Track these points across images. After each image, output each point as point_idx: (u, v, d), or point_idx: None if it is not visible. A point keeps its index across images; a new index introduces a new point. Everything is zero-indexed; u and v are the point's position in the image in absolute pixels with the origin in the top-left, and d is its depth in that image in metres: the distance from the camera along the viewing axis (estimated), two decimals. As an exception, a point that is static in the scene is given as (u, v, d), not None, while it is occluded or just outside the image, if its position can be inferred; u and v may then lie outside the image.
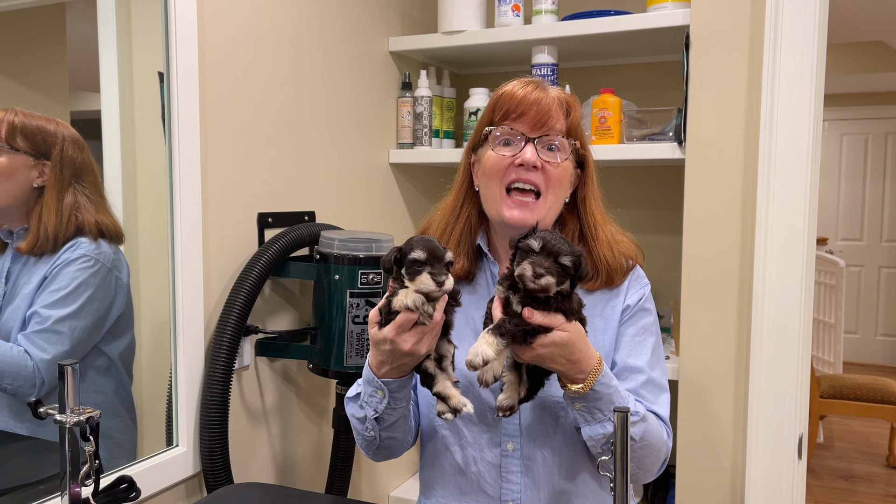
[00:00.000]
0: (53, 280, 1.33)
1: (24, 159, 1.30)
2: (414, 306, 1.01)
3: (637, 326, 1.24)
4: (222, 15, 1.57)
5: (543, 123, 1.19)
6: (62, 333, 1.34)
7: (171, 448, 1.50)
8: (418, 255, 1.01)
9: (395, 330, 1.03)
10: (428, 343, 1.06)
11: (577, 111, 1.23)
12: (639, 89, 2.22)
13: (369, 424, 1.17)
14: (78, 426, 1.02)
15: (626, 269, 1.25)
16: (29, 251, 1.31)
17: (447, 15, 2.08)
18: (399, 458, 2.26)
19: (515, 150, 1.19)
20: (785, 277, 1.66)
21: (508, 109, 1.20)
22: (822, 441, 4.50)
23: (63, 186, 1.33)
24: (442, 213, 1.31)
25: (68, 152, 1.33)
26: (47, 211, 1.31)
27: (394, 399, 1.13)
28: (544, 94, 1.20)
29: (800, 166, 1.63)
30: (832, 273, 4.36)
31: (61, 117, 1.36)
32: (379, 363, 1.10)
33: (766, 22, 1.64)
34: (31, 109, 1.32)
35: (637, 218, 2.30)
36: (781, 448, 1.69)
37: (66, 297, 1.34)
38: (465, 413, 1.08)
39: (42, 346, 1.31)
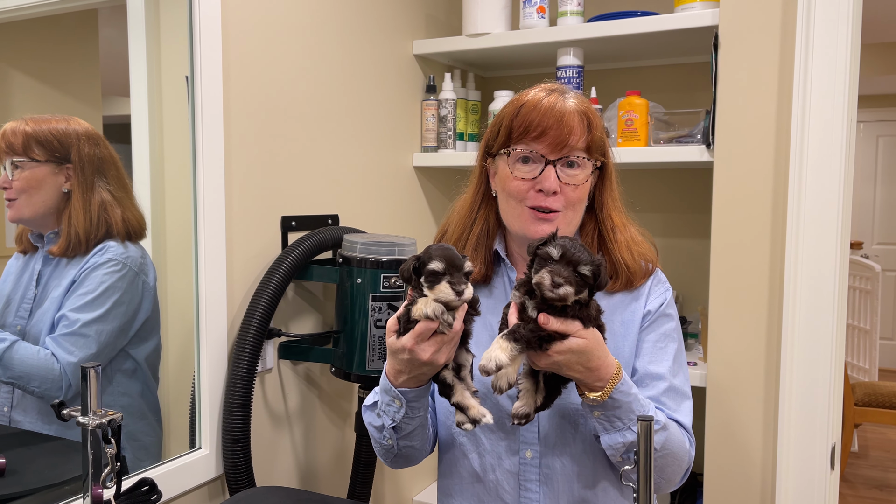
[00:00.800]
0: (81, 284, 1.34)
1: (47, 168, 1.31)
2: (434, 315, 1.00)
3: (658, 332, 1.22)
4: (246, 19, 1.58)
5: (564, 144, 1.15)
6: (89, 337, 1.35)
7: (194, 450, 1.51)
8: (437, 265, 1.00)
9: (414, 339, 1.02)
10: (447, 353, 1.05)
11: (599, 124, 1.20)
12: (666, 91, 2.18)
13: (387, 433, 1.16)
14: (100, 428, 1.03)
15: (645, 271, 1.23)
16: (62, 254, 1.33)
17: (472, 17, 2.07)
18: (422, 463, 2.26)
19: (535, 171, 1.16)
20: (817, 282, 1.61)
21: (529, 126, 1.16)
22: (857, 450, 4.39)
23: (87, 186, 1.34)
24: (458, 215, 1.30)
25: (86, 150, 1.34)
26: (76, 213, 1.33)
27: (411, 408, 1.13)
28: (566, 108, 1.15)
29: (833, 168, 1.59)
30: (867, 278, 4.26)
31: (94, 122, 1.38)
32: (396, 372, 1.09)
33: (797, 21, 1.60)
34: (66, 114, 1.33)
35: (664, 221, 2.27)
36: (813, 458, 1.64)
37: (94, 301, 1.35)
38: (484, 424, 1.06)
39: (69, 349, 1.32)
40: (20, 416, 1.30)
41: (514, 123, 1.17)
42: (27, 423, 1.30)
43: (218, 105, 1.50)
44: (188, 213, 1.49)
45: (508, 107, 1.20)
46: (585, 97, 1.24)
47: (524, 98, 1.19)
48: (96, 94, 1.41)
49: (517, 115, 1.17)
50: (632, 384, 1.10)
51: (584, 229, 1.25)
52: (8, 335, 1.30)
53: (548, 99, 1.16)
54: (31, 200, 1.30)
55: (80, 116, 1.36)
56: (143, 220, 1.42)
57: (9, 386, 1.29)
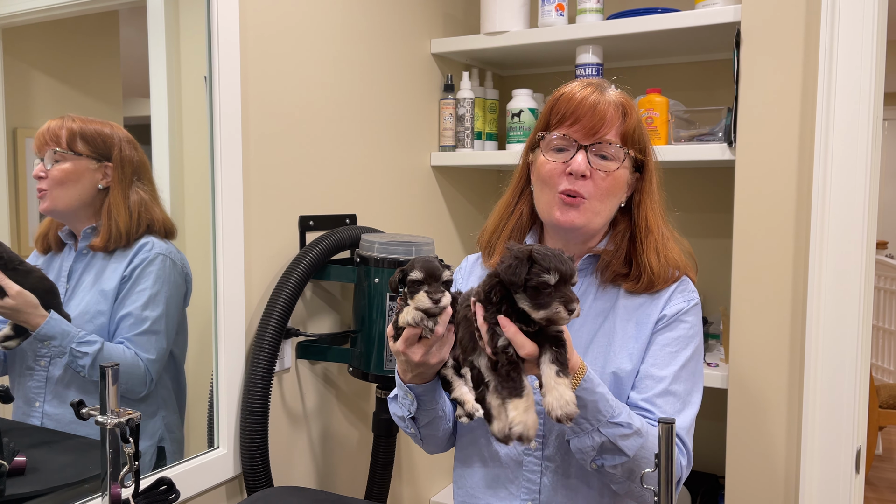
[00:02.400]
0: (139, 281, 1.39)
1: (87, 163, 1.34)
2: (414, 322, 1.07)
3: (670, 336, 1.19)
4: (264, 20, 1.58)
5: (597, 131, 1.18)
6: (160, 333, 1.41)
7: (212, 450, 1.51)
8: (416, 275, 1.07)
9: (403, 344, 1.10)
10: (437, 354, 1.11)
11: (635, 115, 1.21)
12: (687, 89, 2.16)
13: (408, 423, 1.25)
14: (118, 427, 1.03)
15: (670, 277, 1.22)
16: (103, 248, 1.37)
17: (490, 16, 2.06)
18: (439, 463, 2.25)
19: (567, 157, 1.19)
20: (842, 283, 1.58)
21: (564, 114, 1.19)
22: (881, 452, 4.32)
23: (126, 185, 1.38)
24: (498, 209, 1.34)
25: (126, 152, 1.38)
26: (116, 209, 1.37)
27: (422, 402, 1.20)
28: (601, 98, 1.19)
29: (858, 167, 1.56)
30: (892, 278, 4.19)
31: (116, 122, 1.40)
32: (402, 371, 1.18)
33: (821, 17, 1.58)
34: (88, 115, 1.36)
35: (685, 220, 2.22)
36: (838, 461, 1.61)
37: (156, 297, 1.40)
38: (478, 417, 1.11)
39: (146, 347, 1.39)
40: (53, 410, 1.32)
41: (552, 113, 1.22)
42: (58, 416, 1.32)
43: (236, 105, 1.50)
44: (207, 212, 1.49)
45: (549, 100, 1.25)
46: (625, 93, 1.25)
47: (563, 90, 1.23)
48: (117, 94, 1.43)
49: (555, 105, 1.22)
50: (599, 383, 1.08)
51: (615, 228, 1.25)
52: (97, 337, 1.34)
53: (585, 90, 1.20)
54: (66, 193, 1.33)
55: (101, 117, 1.38)
56: (173, 223, 1.46)
57: (41, 381, 1.31)
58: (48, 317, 1.28)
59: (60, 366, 1.31)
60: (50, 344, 1.29)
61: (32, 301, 1.27)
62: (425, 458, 2.20)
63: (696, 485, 2.10)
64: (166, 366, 1.45)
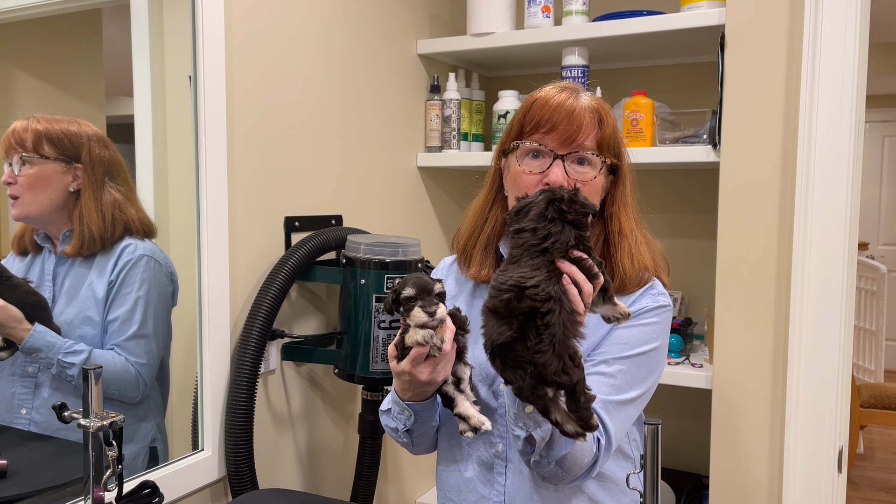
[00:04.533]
0: (124, 285, 1.36)
1: (55, 166, 1.30)
2: (424, 341, 1.07)
3: (626, 333, 1.18)
4: (250, 18, 1.57)
5: (574, 139, 1.16)
6: (149, 336, 1.39)
7: (197, 452, 1.50)
8: (408, 292, 1.08)
9: (410, 363, 1.09)
10: (444, 371, 1.12)
11: (611, 121, 1.20)
12: (672, 91, 2.17)
13: (402, 435, 1.25)
14: (101, 430, 1.02)
15: (641, 280, 1.21)
16: (76, 253, 1.33)
17: (476, 17, 2.06)
18: (425, 465, 2.25)
19: (543, 165, 1.17)
20: (825, 283, 1.60)
21: (539, 121, 1.17)
22: (863, 451, 4.37)
23: (98, 187, 1.34)
24: (471, 215, 1.32)
25: (96, 151, 1.34)
26: (88, 212, 1.33)
27: (419, 416, 1.20)
28: (577, 105, 1.17)
29: (840, 169, 1.58)
30: (873, 279, 4.24)
31: (98, 122, 1.38)
32: (402, 391, 1.18)
33: (805, 21, 1.59)
34: (70, 114, 1.33)
35: (670, 222, 2.25)
36: (820, 461, 1.63)
37: (142, 300, 1.38)
38: (484, 430, 1.12)
39: (136, 352, 1.37)
40: (39, 417, 1.30)
41: (526, 118, 1.19)
42: (45, 424, 1.30)
43: (221, 105, 1.49)
44: (191, 213, 1.48)
45: (522, 104, 1.23)
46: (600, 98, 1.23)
47: (537, 94, 1.21)
48: (100, 93, 1.41)
49: (529, 110, 1.19)
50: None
51: (591, 232, 1.24)
52: (84, 346, 1.32)
53: (560, 95, 1.18)
54: (36, 198, 1.29)
55: (84, 116, 1.36)
56: (151, 221, 1.43)
57: (29, 388, 1.30)
58: (32, 330, 1.26)
59: (49, 374, 1.29)
60: (37, 356, 1.28)
61: (16, 315, 1.25)
62: (411, 459, 2.20)
63: (681, 484, 2.11)
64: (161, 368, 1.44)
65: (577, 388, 0.96)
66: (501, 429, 1.22)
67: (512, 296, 0.95)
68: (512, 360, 0.96)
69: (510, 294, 0.95)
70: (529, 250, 0.99)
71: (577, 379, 0.95)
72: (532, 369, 0.94)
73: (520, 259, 1.00)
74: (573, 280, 0.99)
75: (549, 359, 0.93)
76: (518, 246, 1.01)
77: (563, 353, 0.94)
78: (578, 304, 0.98)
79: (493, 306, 0.97)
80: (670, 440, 2.25)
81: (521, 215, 1.03)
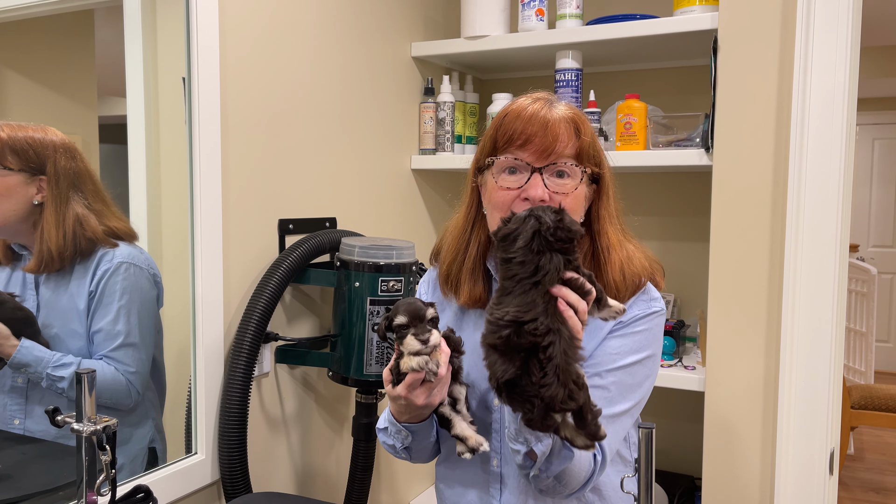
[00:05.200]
0: (104, 295, 1.34)
1: (19, 178, 1.26)
2: (419, 367, 1.07)
3: (618, 343, 1.17)
4: (244, 21, 1.57)
5: (551, 151, 1.10)
6: (136, 344, 1.38)
7: (190, 456, 1.50)
8: (401, 320, 1.08)
9: (406, 389, 1.09)
10: (440, 394, 1.12)
11: (589, 130, 1.15)
12: (665, 94, 2.18)
13: (400, 451, 1.24)
14: (95, 435, 1.02)
15: (635, 286, 1.18)
16: (36, 270, 1.30)
17: (470, 20, 2.07)
18: (419, 468, 2.25)
19: (521, 180, 1.11)
20: (816, 286, 1.61)
21: (513, 135, 1.11)
22: (853, 452, 4.40)
23: (62, 200, 1.29)
24: (452, 236, 1.26)
25: (62, 163, 1.29)
26: (48, 228, 1.28)
27: (416, 436, 1.20)
28: (551, 116, 1.11)
29: (832, 172, 1.59)
30: (863, 280, 4.26)
31: (90, 122, 1.36)
32: (398, 413, 1.17)
33: (797, 25, 1.60)
34: (62, 115, 1.32)
35: (663, 225, 2.26)
36: (812, 463, 1.64)
37: (125, 309, 1.36)
38: (482, 451, 1.13)
39: (125, 361, 1.36)
40: (34, 426, 1.30)
41: (499, 133, 1.14)
42: (40, 433, 1.30)
43: (215, 107, 1.48)
44: (185, 215, 1.48)
45: (494, 119, 1.18)
46: (575, 106, 1.19)
47: (510, 107, 1.16)
48: (92, 94, 1.40)
49: (501, 124, 1.14)
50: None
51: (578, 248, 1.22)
52: (72, 358, 1.31)
53: (533, 106, 1.12)
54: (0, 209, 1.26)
55: (76, 116, 1.35)
56: (130, 228, 1.40)
57: (21, 398, 1.29)
58: (19, 346, 1.25)
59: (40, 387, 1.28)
60: (26, 371, 1.27)
61: (3, 332, 1.24)
62: (405, 463, 2.19)
63: (673, 486, 2.12)
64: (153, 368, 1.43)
65: (583, 409, 0.97)
66: (496, 444, 1.22)
67: (511, 332, 0.95)
68: (518, 395, 0.97)
69: (509, 330, 0.95)
70: (521, 283, 0.98)
71: (583, 401, 0.96)
72: (539, 402, 0.95)
73: (513, 290, 0.98)
74: (569, 303, 0.97)
75: (556, 390, 0.93)
76: (509, 277, 0.99)
77: (567, 380, 0.94)
78: (578, 329, 0.98)
79: (494, 343, 0.97)
80: (663, 442, 2.26)
81: (507, 242, 1.00)
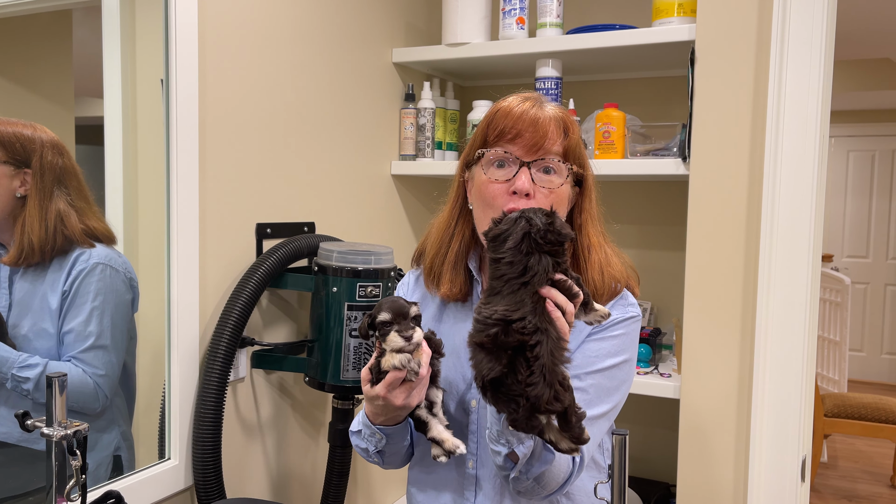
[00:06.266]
0: (77, 295, 1.32)
1: (3, 169, 1.26)
2: (401, 365, 1.07)
3: (596, 347, 1.18)
4: (224, 22, 1.56)
5: (540, 146, 1.14)
6: (107, 347, 1.35)
7: (163, 461, 1.48)
8: (384, 316, 1.08)
9: (385, 388, 1.08)
10: (418, 396, 1.11)
11: (576, 130, 1.19)
12: (643, 104, 2.20)
13: (373, 455, 1.24)
14: (65, 440, 1.01)
15: (612, 291, 1.21)
16: (13, 263, 1.28)
17: (452, 27, 2.07)
18: (395, 474, 2.24)
19: (509, 174, 1.14)
20: (789, 294, 1.63)
21: (503, 130, 1.15)
22: (826, 460, 4.45)
23: (46, 195, 1.29)
24: (437, 231, 1.29)
25: (48, 158, 1.29)
26: (30, 221, 1.28)
27: (391, 439, 1.20)
28: (541, 114, 1.15)
29: (805, 183, 1.61)
30: (837, 290, 4.32)
31: (66, 123, 1.35)
32: (374, 415, 1.17)
33: (772, 37, 1.63)
34: (37, 115, 1.30)
35: (640, 233, 2.28)
36: (784, 470, 1.66)
37: (98, 310, 1.34)
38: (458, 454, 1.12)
39: (95, 364, 1.34)
40: (3, 429, 1.27)
41: (489, 128, 1.18)
42: (2, 435, 1.27)
43: (193, 110, 1.48)
44: (161, 217, 1.46)
45: (485, 115, 1.21)
46: (564, 108, 1.23)
47: (500, 104, 1.19)
48: (69, 95, 1.38)
49: (492, 120, 1.18)
50: None
51: None
52: (39, 359, 1.29)
53: (523, 105, 1.16)
54: None
55: (52, 117, 1.33)
56: (109, 230, 1.38)
57: None
58: None
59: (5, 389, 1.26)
60: None
61: None
62: (381, 468, 2.19)
63: (648, 493, 2.13)
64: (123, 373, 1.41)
65: (568, 412, 0.97)
66: (472, 446, 1.22)
67: (499, 330, 0.95)
68: (504, 394, 0.96)
69: (497, 328, 0.95)
70: (510, 283, 0.98)
71: (568, 403, 0.96)
72: (525, 402, 0.95)
73: (501, 290, 0.99)
74: (557, 305, 0.98)
75: (541, 390, 0.93)
76: (497, 277, 1.00)
77: (554, 380, 0.94)
78: (565, 331, 0.98)
79: (481, 341, 0.97)
80: (639, 449, 2.27)
81: (497, 242, 1.01)
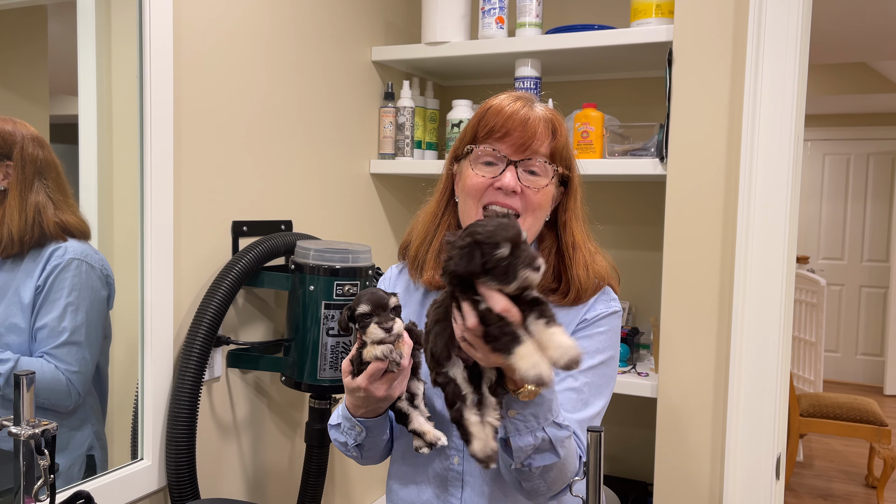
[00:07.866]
0: (51, 290, 1.31)
1: None
2: (383, 356, 1.06)
3: (583, 344, 1.19)
4: (200, 19, 1.54)
5: (527, 146, 1.16)
6: (81, 343, 1.34)
7: (136, 462, 1.46)
8: (363, 308, 1.07)
9: (367, 379, 1.08)
10: (400, 387, 1.12)
11: (564, 132, 1.21)
12: (621, 104, 2.21)
13: (352, 449, 1.23)
14: (33, 439, 0.99)
15: (595, 287, 1.23)
16: None
17: (431, 26, 2.07)
18: (373, 474, 2.23)
19: (496, 172, 1.17)
20: (764, 294, 1.65)
21: (493, 127, 1.17)
22: (802, 460, 4.50)
23: (26, 187, 1.29)
24: (423, 221, 1.31)
25: (29, 150, 1.29)
26: (10, 212, 1.28)
27: (371, 432, 1.19)
28: (531, 114, 1.17)
29: (780, 183, 1.63)
30: (813, 291, 4.37)
31: (41, 121, 1.33)
32: (355, 407, 1.16)
33: (748, 40, 1.64)
34: (12, 113, 1.28)
35: (618, 233, 2.29)
36: (759, 468, 1.67)
37: (72, 306, 1.33)
38: (440, 446, 1.12)
39: (67, 360, 1.32)
40: None
41: (480, 125, 1.20)
42: None
43: (168, 107, 1.46)
44: (136, 215, 1.45)
45: (476, 111, 1.23)
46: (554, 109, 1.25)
47: (491, 102, 1.21)
48: (43, 92, 1.37)
49: (483, 117, 1.20)
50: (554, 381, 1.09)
51: (542, 243, 1.25)
52: (10, 354, 1.27)
53: (515, 104, 1.18)
54: None
55: (26, 115, 1.32)
56: (85, 225, 1.38)
57: None
58: None
59: None
60: None
61: None
62: (358, 468, 2.18)
63: (626, 491, 2.14)
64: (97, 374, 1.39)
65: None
66: (458, 441, 1.21)
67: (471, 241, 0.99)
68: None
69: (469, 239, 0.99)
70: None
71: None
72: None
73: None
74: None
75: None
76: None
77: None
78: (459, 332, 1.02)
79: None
80: (617, 448, 2.28)
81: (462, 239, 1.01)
